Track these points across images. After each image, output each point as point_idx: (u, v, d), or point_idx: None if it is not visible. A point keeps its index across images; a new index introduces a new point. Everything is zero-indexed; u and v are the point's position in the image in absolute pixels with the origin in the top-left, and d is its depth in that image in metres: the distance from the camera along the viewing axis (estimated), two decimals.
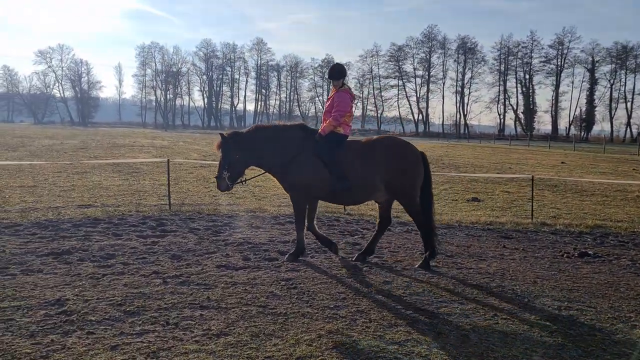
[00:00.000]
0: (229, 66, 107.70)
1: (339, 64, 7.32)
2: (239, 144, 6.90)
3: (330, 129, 6.93)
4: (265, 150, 6.95)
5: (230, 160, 6.86)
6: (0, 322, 4.50)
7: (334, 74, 7.13)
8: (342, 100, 6.99)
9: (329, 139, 6.91)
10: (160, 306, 4.98)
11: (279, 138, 7.02)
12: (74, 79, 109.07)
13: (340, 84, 7.15)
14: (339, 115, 6.93)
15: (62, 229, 8.26)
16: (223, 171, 6.86)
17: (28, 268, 6.10)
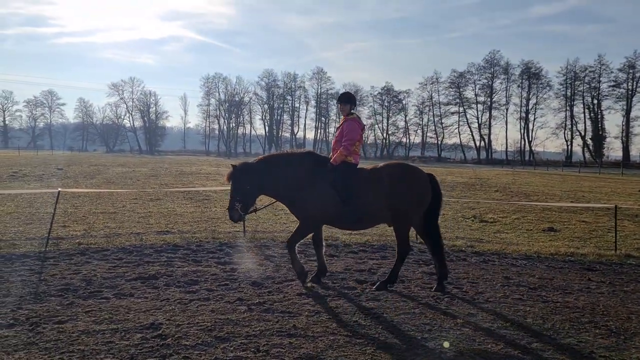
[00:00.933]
0: (289, 95, 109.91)
1: (348, 92, 7.67)
2: (249, 174, 6.92)
3: (342, 159, 7.01)
4: (276, 179, 6.99)
5: (241, 190, 6.88)
6: (101, 344, 4.70)
7: (341, 98, 7.38)
8: (351, 129, 7.09)
9: (341, 169, 6.97)
10: (249, 333, 5.07)
11: (289, 167, 7.07)
12: (143, 109, 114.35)
13: (349, 112, 7.29)
14: (349, 144, 7.01)
15: (146, 254, 8.58)
16: (235, 202, 6.87)
17: (120, 292, 6.36)
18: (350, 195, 6.80)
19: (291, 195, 6.99)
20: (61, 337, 4.84)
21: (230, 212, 6.91)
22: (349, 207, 6.80)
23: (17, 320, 5.27)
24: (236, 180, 6.89)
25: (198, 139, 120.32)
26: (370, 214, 6.93)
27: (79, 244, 9.24)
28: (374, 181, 6.91)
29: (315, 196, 6.88)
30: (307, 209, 6.95)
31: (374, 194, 6.83)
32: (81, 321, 5.29)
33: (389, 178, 6.89)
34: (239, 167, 6.96)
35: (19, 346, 4.62)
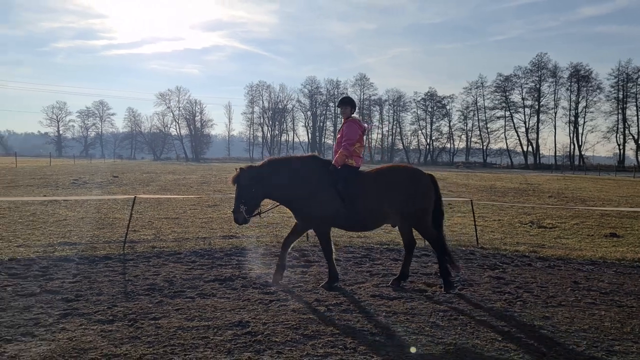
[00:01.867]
0: (332, 101, 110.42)
1: (348, 96, 7.92)
2: (254, 177, 7.02)
3: (343, 160, 7.15)
4: (281, 183, 7.09)
5: (246, 194, 6.99)
6: (198, 339, 5.02)
7: (342, 101, 7.61)
8: (350, 130, 7.26)
9: (343, 172, 7.10)
10: (333, 332, 5.29)
11: (293, 170, 7.18)
12: (188, 118, 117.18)
13: (349, 114, 7.46)
14: (348, 145, 7.16)
15: (216, 257, 8.95)
16: (240, 205, 6.99)
17: (202, 292, 6.70)
18: (352, 198, 6.93)
19: (295, 199, 7.10)
20: (160, 332, 5.18)
21: (235, 215, 7.01)
22: (352, 209, 6.95)
23: (116, 316, 5.66)
24: (241, 184, 6.98)
25: (242, 147, 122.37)
26: (373, 216, 7.10)
27: (152, 247, 9.70)
28: (378, 184, 7.04)
29: (318, 200, 6.99)
30: (311, 213, 7.06)
31: (379, 196, 6.96)
32: (174, 318, 5.63)
33: (394, 181, 7.04)
34: (244, 170, 7.05)
35: (123, 340, 4.98)
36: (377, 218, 7.15)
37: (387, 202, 6.96)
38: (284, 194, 7.15)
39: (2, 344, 4.79)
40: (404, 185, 7.02)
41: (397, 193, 6.95)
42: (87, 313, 5.75)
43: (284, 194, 7.15)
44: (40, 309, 5.85)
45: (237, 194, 7.01)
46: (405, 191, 6.97)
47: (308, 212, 7.08)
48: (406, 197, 6.95)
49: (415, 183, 7.09)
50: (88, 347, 4.77)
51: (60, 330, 5.20)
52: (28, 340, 4.92)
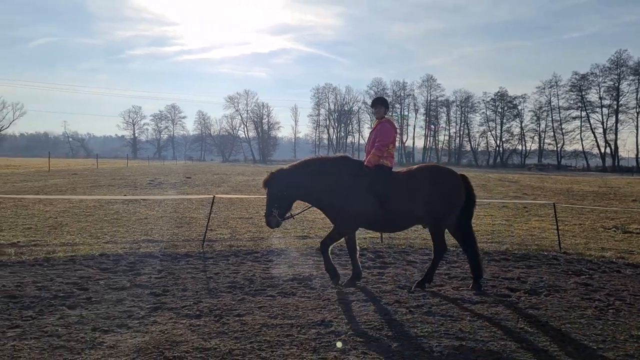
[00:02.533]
0: (398, 103, 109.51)
1: (381, 96, 7.78)
2: (285, 180, 6.93)
3: (376, 160, 7.05)
4: (312, 185, 6.98)
5: (278, 197, 6.91)
6: (283, 336, 5.08)
7: (375, 102, 7.50)
8: (385, 131, 7.16)
9: (377, 173, 7.00)
10: (417, 334, 5.22)
11: (325, 172, 7.05)
12: (256, 120, 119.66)
13: (382, 115, 7.36)
14: (381, 145, 7.08)
15: (292, 257, 9.06)
16: (272, 208, 6.91)
17: (282, 291, 6.79)
18: (387, 199, 6.82)
19: (327, 200, 7.01)
20: (245, 329, 5.29)
21: (268, 218, 6.99)
22: (386, 210, 6.82)
23: (202, 312, 5.83)
24: (273, 187, 6.94)
25: (308, 149, 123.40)
26: (406, 217, 7.03)
27: (230, 246, 9.95)
28: (409, 184, 6.97)
29: (352, 201, 6.88)
30: (343, 214, 6.96)
31: (410, 197, 6.88)
32: (258, 315, 5.74)
33: (425, 181, 6.97)
34: (275, 173, 7.02)
35: (212, 334, 5.12)
36: (409, 219, 7.12)
37: (416, 201, 6.89)
38: (316, 196, 7.08)
39: (100, 334, 5.04)
40: (437, 185, 6.98)
41: (429, 193, 6.90)
42: (175, 308, 5.95)
43: (316, 196, 7.08)
44: (132, 302, 6.11)
45: (269, 198, 6.99)
46: (434, 190, 6.92)
47: (341, 213, 6.99)
48: (439, 197, 6.91)
49: (448, 184, 7.05)
50: (179, 340, 4.94)
51: (152, 323, 5.41)
52: (123, 331, 5.16)
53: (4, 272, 7.53)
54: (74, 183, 26.12)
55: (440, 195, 6.93)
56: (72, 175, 33.29)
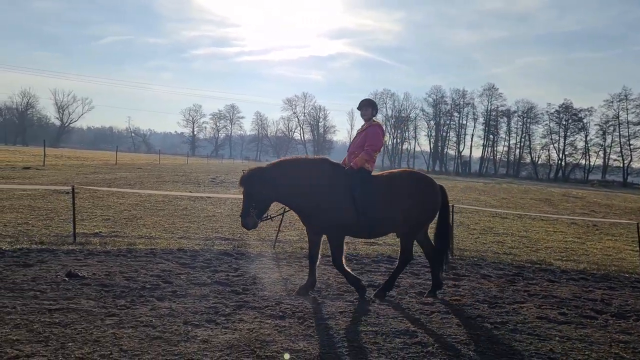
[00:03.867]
0: (457, 111, 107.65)
1: (370, 98, 7.43)
2: (264, 180, 6.59)
3: (362, 164, 6.83)
4: (291, 186, 6.66)
5: (256, 197, 6.55)
6: (370, 344, 5.08)
7: (363, 103, 7.22)
8: (375, 136, 6.99)
9: (361, 175, 6.79)
10: (507, 351, 5.10)
11: (304, 173, 6.76)
12: (312, 123, 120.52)
13: (369, 117, 7.17)
14: (371, 150, 6.88)
15: (364, 263, 9.05)
16: (250, 208, 6.55)
17: (360, 297, 6.79)
18: (367, 202, 6.63)
19: (307, 203, 6.67)
20: (331, 333, 5.32)
21: (245, 219, 6.57)
22: (365, 215, 6.62)
23: (285, 313, 5.91)
24: (251, 186, 6.56)
25: None
26: (385, 223, 6.83)
27: (300, 248, 10.03)
28: (390, 190, 6.82)
29: (333, 204, 6.62)
30: (325, 218, 6.66)
31: (389, 202, 6.73)
32: (340, 320, 5.76)
33: (405, 187, 6.86)
34: (253, 171, 6.68)
35: (298, 337, 5.17)
36: (387, 225, 6.92)
37: (395, 207, 6.75)
38: (294, 198, 6.75)
39: (192, 328, 5.18)
40: (417, 192, 6.88)
41: (409, 200, 6.78)
42: (258, 307, 6.05)
43: (294, 198, 6.75)
44: (216, 299, 6.26)
45: (246, 197, 6.59)
46: (413, 197, 6.82)
47: (322, 219, 6.68)
48: (413, 203, 6.80)
49: (427, 191, 6.99)
50: (268, 339, 5.02)
51: (239, 321, 5.52)
52: (212, 327, 5.28)
53: (93, 260, 7.88)
54: (140, 177, 27.03)
55: (419, 203, 6.86)
56: (137, 170, 34.47)
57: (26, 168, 28.20)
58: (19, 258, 7.72)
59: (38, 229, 10.27)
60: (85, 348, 4.54)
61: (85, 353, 4.43)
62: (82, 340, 4.70)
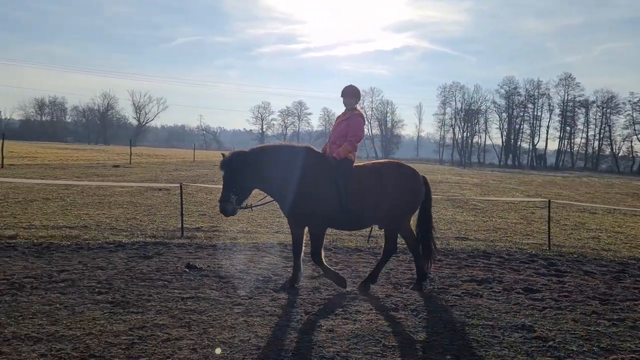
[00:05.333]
0: (531, 103, 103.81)
1: (354, 85, 7.08)
2: (247, 164, 6.35)
3: (346, 154, 6.65)
4: (274, 173, 6.46)
5: (239, 182, 6.32)
6: (488, 337, 5.16)
7: (346, 92, 6.97)
8: (358, 126, 6.84)
9: (344, 165, 6.61)
10: (633, 348, 5.04)
11: (287, 160, 6.54)
12: (380, 118, 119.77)
13: (352, 106, 6.98)
14: (355, 140, 6.75)
15: (461, 258, 9.07)
16: (230, 194, 6.28)
17: (467, 291, 6.87)
18: (351, 193, 6.46)
19: (288, 191, 6.46)
20: (447, 326, 5.45)
21: (224, 204, 6.27)
22: (348, 206, 6.44)
23: (398, 305, 6.09)
24: (233, 171, 6.30)
25: (430, 148, 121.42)
26: (368, 215, 6.68)
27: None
28: (373, 180, 6.65)
29: (316, 194, 6.44)
30: (307, 208, 6.45)
31: (373, 193, 6.58)
32: (453, 314, 5.88)
33: (389, 178, 6.68)
34: (235, 154, 6.43)
35: (417, 329, 5.34)
36: (370, 217, 6.76)
37: (380, 199, 6.59)
38: (276, 186, 6.53)
39: (315, 318, 5.47)
40: (401, 183, 6.74)
41: (390, 191, 6.62)
42: (371, 300, 6.27)
43: (276, 186, 6.53)
44: (327, 291, 6.54)
45: (227, 181, 6.32)
46: (398, 189, 6.68)
47: (303, 209, 6.47)
48: (398, 195, 6.67)
49: (411, 183, 6.84)
50: (389, 330, 5.22)
51: (356, 312, 5.75)
52: (333, 317, 5.54)
53: (203, 253, 8.38)
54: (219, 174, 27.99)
55: (403, 194, 6.73)
56: (214, 167, 35.67)
57: (115, 166, 29.91)
58: (138, 250, 8.32)
59: (146, 223, 10.97)
60: (224, 333, 4.91)
61: (227, 338, 4.80)
62: (220, 326, 5.08)
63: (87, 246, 8.47)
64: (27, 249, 8.05)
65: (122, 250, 8.27)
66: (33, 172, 23.72)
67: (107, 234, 9.49)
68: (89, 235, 9.32)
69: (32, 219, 10.86)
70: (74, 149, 62.68)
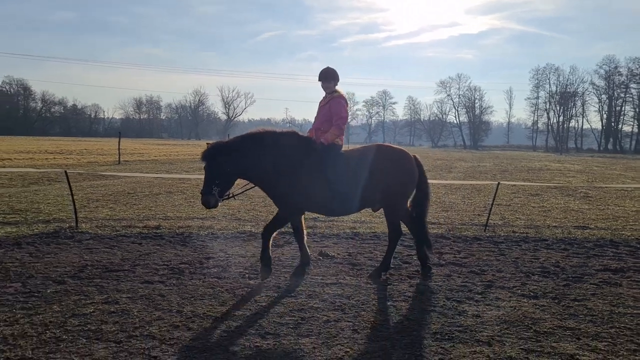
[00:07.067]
0: (634, 82, 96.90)
1: (330, 67, 6.89)
2: (229, 154, 6.13)
3: (333, 139, 6.53)
4: (258, 160, 6.28)
5: (220, 172, 6.08)
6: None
7: (325, 75, 6.80)
8: (341, 108, 6.68)
9: (331, 150, 6.47)
10: None
11: (273, 147, 6.35)
12: (468, 105, 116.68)
13: (332, 89, 6.81)
14: (342, 123, 6.63)
15: (587, 247, 8.84)
16: (212, 185, 6.03)
17: (604, 281, 6.74)
18: (338, 179, 6.30)
19: (270, 179, 6.34)
20: (594, 314, 5.42)
21: (206, 196, 6.04)
22: (337, 191, 6.27)
23: (536, 293, 6.11)
24: (214, 161, 6.08)
25: (522, 134, 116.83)
26: (356, 198, 6.47)
27: (512, 232, 10.09)
28: (363, 164, 6.48)
29: (298, 181, 6.28)
30: (288, 196, 6.36)
31: (364, 178, 6.41)
32: (598, 302, 5.83)
33: (380, 161, 6.50)
34: (216, 145, 6.26)
35: (564, 316, 5.36)
36: (360, 201, 6.56)
37: (369, 183, 6.41)
38: (261, 173, 6.35)
39: (456, 304, 5.64)
40: (389, 166, 6.53)
41: (382, 174, 6.44)
42: (507, 287, 6.35)
43: (261, 173, 6.35)
44: (459, 278, 6.68)
45: (209, 173, 6.10)
46: (389, 172, 6.49)
47: (285, 195, 6.38)
48: (390, 178, 6.48)
49: (401, 165, 6.62)
50: (535, 317, 5.29)
51: (496, 299, 5.86)
52: (473, 303, 5.69)
53: (328, 242, 8.77)
54: None
55: (397, 177, 6.54)
56: None
57: None
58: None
59: (265, 214, 11.57)
60: (377, 316, 5.21)
61: (381, 320, 5.10)
62: (371, 310, 5.40)
63: (223, 235, 9.12)
64: (172, 237, 8.80)
65: (254, 239, 8.82)
66: (146, 167, 25.50)
67: (236, 224, 10.14)
68: (220, 226, 10.01)
69: (165, 210, 11.80)
70: (171, 144, 66.35)
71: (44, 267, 6.74)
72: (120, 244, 8.21)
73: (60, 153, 35.30)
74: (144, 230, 9.34)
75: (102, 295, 5.65)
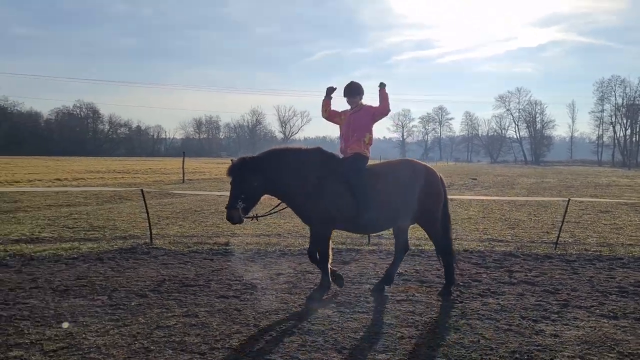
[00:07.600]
0: None
1: (355, 82, 6.75)
2: (256, 170, 6.06)
3: (361, 150, 6.52)
4: (287, 177, 6.23)
5: (247, 188, 6.00)
6: None
7: (350, 91, 6.66)
8: (377, 108, 6.66)
9: (356, 163, 6.43)
10: None
11: (299, 163, 6.34)
12: (528, 119, 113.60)
13: (358, 103, 6.68)
14: (379, 112, 6.61)
15: None
16: (238, 201, 5.94)
17: None
18: (365, 193, 6.21)
19: (302, 195, 6.25)
20: None
21: (230, 211, 5.97)
22: (365, 206, 6.18)
23: (615, 313, 5.91)
24: (241, 177, 6.02)
25: (587, 148, 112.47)
26: (387, 214, 6.41)
27: (585, 250, 9.76)
28: (391, 179, 6.44)
29: (329, 195, 6.22)
30: (320, 210, 6.23)
31: (393, 193, 6.36)
32: None
33: (410, 177, 6.47)
34: (243, 161, 6.13)
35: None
36: (390, 217, 6.50)
37: (400, 199, 6.37)
38: (288, 189, 6.30)
39: (531, 323, 5.53)
40: (419, 181, 6.47)
41: (412, 189, 6.41)
42: (584, 306, 6.17)
43: (288, 189, 6.30)
44: (533, 297, 6.54)
45: (234, 188, 6.03)
46: (420, 188, 6.44)
47: (317, 210, 6.25)
48: (422, 194, 6.44)
49: (429, 180, 6.56)
50: (618, 338, 5.12)
51: (573, 319, 5.71)
52: (550, 323, 5.56)
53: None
54: None
55: (430, 193, 6.52)
56: None
57: None
58: (335, 256, 8.92)
59: None
60: (452, 334, 5.19)
61: (456, 339, 5.07)
62: (444, 327, 5.39)
63: (290, 252, 9.30)
64: (241, 254, 9.06)
65: None
66: (209, 185, 26.25)
67: (302, 241, 10.31)
68: (286, 243, 10.20)
69: (232, 227, 12.11)
70: None
71: (126, 281, 7.10)
72: (193, 260, 8.53)
73: (127, 172, 36.87)
74: (214, 247, 9.66)
75: (182, 308, 5.90)
